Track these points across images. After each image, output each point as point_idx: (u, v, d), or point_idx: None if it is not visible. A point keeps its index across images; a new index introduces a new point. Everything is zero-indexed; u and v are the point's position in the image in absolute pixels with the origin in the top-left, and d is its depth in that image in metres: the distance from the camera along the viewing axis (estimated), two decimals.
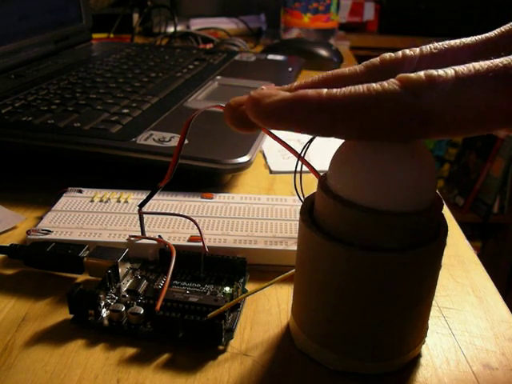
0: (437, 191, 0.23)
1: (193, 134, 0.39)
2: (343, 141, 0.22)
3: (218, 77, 0.61)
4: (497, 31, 0.22)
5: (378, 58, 0.22)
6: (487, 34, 0.22)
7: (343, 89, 0.19)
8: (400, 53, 0.22)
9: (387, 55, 0.22)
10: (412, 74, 0.18)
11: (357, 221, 0.21)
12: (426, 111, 0.18)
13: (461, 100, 0.18)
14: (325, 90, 0.19)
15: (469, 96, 0.18)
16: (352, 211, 0.21)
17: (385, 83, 0.18)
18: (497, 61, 0.18)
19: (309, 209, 0.24)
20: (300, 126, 0.19)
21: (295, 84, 0.22)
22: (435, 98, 0.18)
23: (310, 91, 0.19)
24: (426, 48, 0.22)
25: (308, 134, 0.20)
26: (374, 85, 0.18)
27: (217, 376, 0.24)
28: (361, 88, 0.18)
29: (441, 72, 0.18)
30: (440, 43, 0.22)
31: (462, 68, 0.18)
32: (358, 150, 0.21)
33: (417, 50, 0.22)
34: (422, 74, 0.18)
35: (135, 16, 1.03)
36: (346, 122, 0.19)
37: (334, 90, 0.19)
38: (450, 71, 0.18)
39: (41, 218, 0.34)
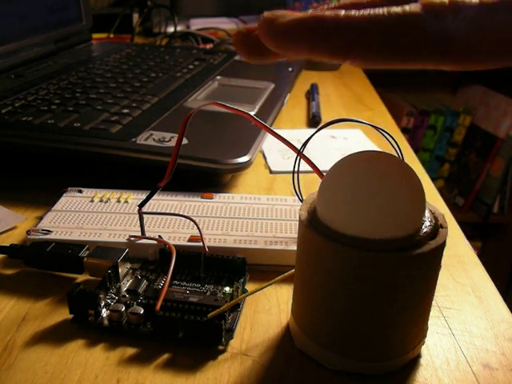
0: (423, 218, 0.23)
1: (193, 134, 0.39)
2: (341, 143, 0.22)
3: (218, 77, 0.61)
4: None
5: None
6: None
7: (362, 11, 0.18)
8: None
9: None
10: None
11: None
12: (448, 36, 0.17)
13: (484, 27, 0.17)
14: (343, 11, 0.18)
15: (492, 23, 0.17)
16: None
17: (406, 7, 0.18)
18: None
19: (309, 210, 0.24)
20: (315, 47, 0.19)
21: (310, 11, 0.21)
22: (458, 24, 0.17)
23: (328, 12, 0.18)
24: None
25: (323, 57, 0.19)
26: (395, 8, 0.18)
27: (217, 376, 0.24)
28: (381, 10, 0.18)
29: None
30: None
31: None
32: (342, 180, 0.22)
33: None
34: None
35: (135, 16, 1.03)
36: (364, 45, 0.18)
37: (353, 12, 0.18)
38: None
39: (41, 218, 0.34)
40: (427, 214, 0.23)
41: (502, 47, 0.18)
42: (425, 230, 0.22)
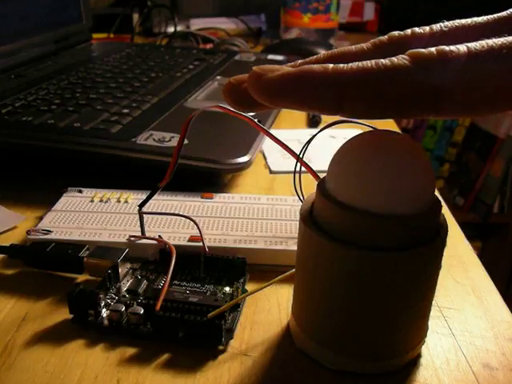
0: (436, 193, 0.23)
1: (193, 134, 0.39)
2: (341, 144, 0.22)
3: (218, 77, 0.61)
4: (509, 11, 0.21)
5: (386, 36, 0.21)
6: (499, 14, 0.21)
7: (350, 64, 0.18)
8: (409, 30, 0.21)
9: (396, 33, 0.21)
10: (423, 50, 0.18)
11: (355, 224, 0.21)
12: (438, 88, 0.17)
13: (473, 77, 0.17)
14: (331, 65, 0.18)
15: (482, 73, 0.17)
16: (350, 215, 0.21)
17: (394, 59, 0.18)
18: (511, 38, 0.17)
19: (309, 209, 0.24)
20: (305, 102, 0.19)
21: (299, 61, 0.21)
22: (447, 75, 0.17)
23: (316, 66, 0.18)
24: (436, 26, 0.21)
25: (313, 111, 0.19)
26: (382, 60, 0.18)
27: (217, 376, 0.24)
28: (369, 63, 0.18)
29: (453, 48, 0.17)
30: (450, 22, 0.21)
31: (475, 44, 0.17)
32: (355, 154, 0.21)
33: (426, 28, 0.21)
34: (433, 49, 0.17)
35: (135, 16, 1.03)
36: (354, 99, 0.18)
37: (341, 65, 0.18)
38: (462, 47, 0.17)
39: (41, 218, 0.34)
40: None
41: (494, 97, 0.17)
42: (432, 211, 0.22)
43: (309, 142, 0.25)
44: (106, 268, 0.28)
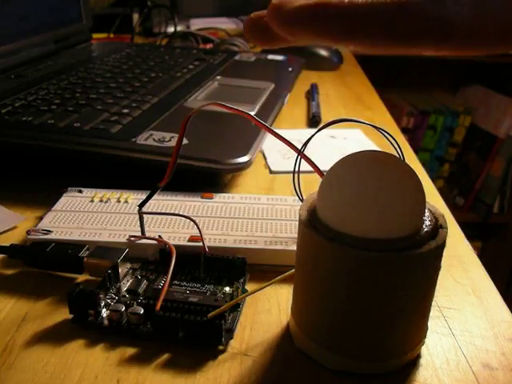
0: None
1: (193, 134, 0.39)
2: (341, 143, 0.22)
3: (218, 77, 0.61)
4: None
5: None
6: None
7: None
8: None
9: None
10: None
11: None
12: (448, 21, 0.18)
13: (483, 11, 0.18)
14: None
15: (492, 7, 0.18)
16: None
17: None
18: None
19: (309, 209, 0.24)
20: (320, 32, 0.19)
21: None
22: (458, 8, 0.18)
23: None
24: None
25: (330, 40, 0.20)
26: None
27: (217, 376, 0.24)
28: None
29: None
30: None
31: None
32: (345, 179, 0.22)
33: None
34: None
35: (135, 16, 1.03)
36: (368, 28, 0.19)
37: None
38: None
39: (41, 218, 0.34)
40: (427, 213, 0.23)
41: (501, 31, 0.18)
42: (425, 230, 0.22)
43: (309, 140, 0.25)
44: (105, 268, 0.28)
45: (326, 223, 0.22)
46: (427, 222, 0.23)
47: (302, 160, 0.26)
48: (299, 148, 0.26)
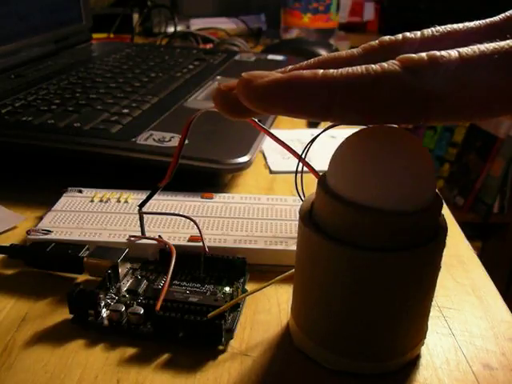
0: (436, 191, 0.23)
1: (193, 134, 0.39)
2: (343, 140, 0.22)
3: (218, 77, 0.61)
4: (501, 16, 0.21)
5: (376, 41, 0.21)
6: (491, 19, 0.21)
7: (340, 69, 0.18)
8: (400, 35, 0.21)
9: (386, 38, 0.21)
10: (413, 55, 0.17)
11: (356, 220, 0.21)
12: (428, 93, 0.17)
13: (464, 82, 0.17)
14: (321, 71, 0.18)
15: (473, 78, 0.17)
16: (351, 210, 0.21)
17: (384, 64, 0.18)
18: (503, 43, 0.17)
19: (308, 209, 0.24)
20: (295, 108, 0.18)
21: (289, 67, 0.21)
22: (438, 80, 0.17)
23: (306, 71, 0.18)
24: (428, 31, 0.21)
25: (303, 117, 0.19)
26: (372, 66, 0.18)
27: (217, 376, 0.24)
28: (359, 69, 0.18)
29: (444, 53, 0.17)
30: (442, 27, 0.21)
31: (466, 50, 0.17)
32: (356, 150, 0.21)
33: (418, 33, 0.21)
34: (423, 54, 0.17)
35: (135, 16, 1.03)
36: (344, 104, 0.18)
37: (331, 71, 0.18)
38: (453, 52, 0.17)
39: (41, 218, 0.34)
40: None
41: (484, 102, 0.17)
42: (433, 208, 0.22)
43: (312, 141, 0.25)
44: (105, 268, 0.28)
45: (335, 191, 0.21)
46: (436, 201, 0.22)
47: (305, 158, 0.26)
48: (300, 149, 0.26)
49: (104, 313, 0.26)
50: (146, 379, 0.23)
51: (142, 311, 0.26)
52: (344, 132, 0.56)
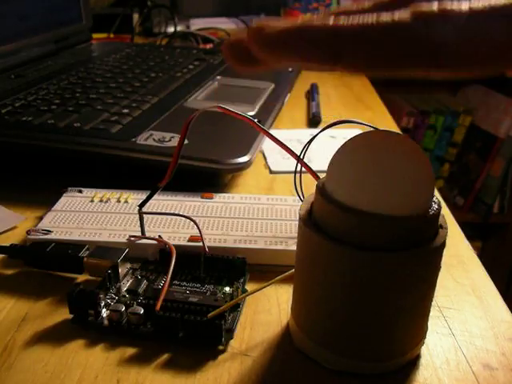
0: (435, 194, 0.23)
1: (193, 134, 0.39)
2: (342, 142, 0.22)
3: (218, 77, 0.61)
4: None
5: None
6: None
7: (351, 18, 0.18)
8: None
9: None
10: (424, 6, 0.18)
11: (355, 225, 0.21)
12: (438, 43, 0.17)
13: (474, 34, 0.17)
14: (331, 20, 0.18)
15: (482, 30, 0.17)
16: (350, 216, 0.21)
17: (396, 14, 0.18)
18: None
19: (308, 209, 0.24)
20: (305, 55, 0.19)
21: (300, 18, 0.22)
22: (448, 31, 0.17)
23: (316, 21, 0.19)
24: None
25: (313, 64, 0.19)
26: (384, 15, 0.18)
27: (217, 376, 0.24)
28: (370, 19, 0.18)
29: (455, 5, 0.17)
30: None
31: (477, 3, 0.17)
32: (354, 155, 0.21)
33: None
34: (434, 5, 0.18)
35: (135, 16, 1.03)
36: (353, 53, 0.18)
37: (342, 20, 0.18)
38: (464, 5, 0.17)
39: (41, 218, 0.34)
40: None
41: (492, 53, 0.18)
42: (432, 213, 0.22)
43: (310, 142, 0.25)
44: (105, 268, 0.28)
45: (334, 196, 0.22)
46: (435, 206, 0.22)
47: (305, 158, 0.26)
48: (299, 149, 0.26)
49: (104, 313, 0.26)
50: (145, 379, 0.23)
51: (141, 311, 0.26)
52: (343, 132, 0.56)
